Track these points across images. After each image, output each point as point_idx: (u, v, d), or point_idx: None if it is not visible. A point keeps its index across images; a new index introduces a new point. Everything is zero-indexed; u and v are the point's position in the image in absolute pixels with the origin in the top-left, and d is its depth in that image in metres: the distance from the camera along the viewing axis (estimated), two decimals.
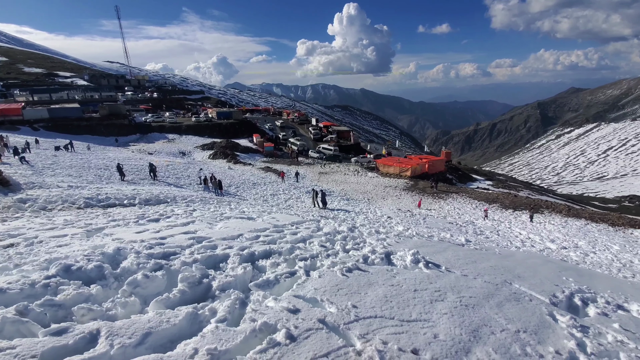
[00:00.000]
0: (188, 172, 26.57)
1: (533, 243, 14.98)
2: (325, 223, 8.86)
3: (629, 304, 5.00)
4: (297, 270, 4.26)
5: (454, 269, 5.28)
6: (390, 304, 3.46)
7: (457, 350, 2.73)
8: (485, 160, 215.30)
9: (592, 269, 9.77)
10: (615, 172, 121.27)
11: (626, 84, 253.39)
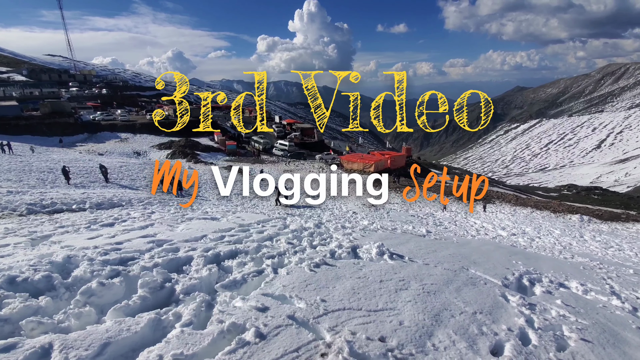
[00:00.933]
0: (144, 173, 25.18)
1: (487, 231, 16.05)
2: (291, 220, 8.85)
3: (569, 281, 5.55)
4: (265, 268, 4.23)
5: (417, 259, 5.53)
6: (358, 296, 3.55)
7: (421, 335, 2.88)
8: (443, 155, 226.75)
9: (538, 252, 10.68)
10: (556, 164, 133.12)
11: (563, 83, 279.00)
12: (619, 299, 4.85)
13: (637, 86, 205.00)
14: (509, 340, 2.94)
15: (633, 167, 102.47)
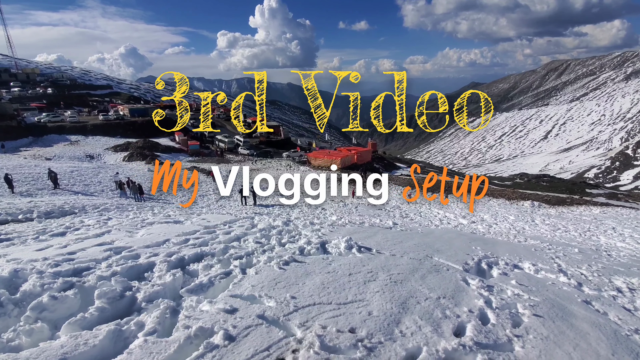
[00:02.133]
0: (99, 178, 23.63)
1: (449, 220, 16.85)
2: (259, 219, 8.73)
3: (522, 263, 5.98)
4: (233, 269, 4.14)
5: (384, 250, 5.68)
6: (328, 290, 3.59)
7: (389, 323, 2.96)
8: (407, 149, 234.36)
9: (495, 237, 11.40)
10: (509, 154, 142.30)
11: (513, 78, 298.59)
12: (565, 276, 5.30)
13: (577, 81, 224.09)
14: (470, 321, 3.11)
15: (575, 155, 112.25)
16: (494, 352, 2.61)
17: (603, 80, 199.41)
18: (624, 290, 4.94)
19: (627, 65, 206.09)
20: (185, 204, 17.52)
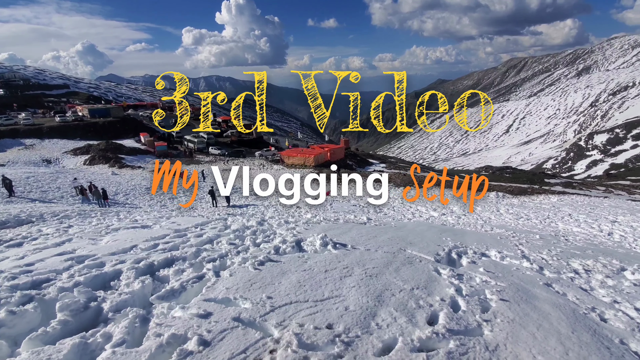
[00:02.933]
0: (58, 183, 22.18)
1: (421, 214, 17.36)
2: (233, 220, 8.56)
3: (489, 251, 6.26)
4: (206, 273, 4.03)
5: (359, 246, 5.75)
6: (304, 288, 3.58)
7: (366, 316, 3.00)
8: (379, 145, 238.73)
9: (464, 228, 11.88)
10: (474, 148, 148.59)
11: (476, 75, 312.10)
12: (528, 261, 5.61)
13: (534, 77, 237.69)
14: (442, 309, 3.22)
15: (534, 147, 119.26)
16: (465, 338, 2.72)
17: (557, 76, 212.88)
18: (581, 271, 5.31)
19: (579, 62, 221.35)
20: (154, 207, 16.85)
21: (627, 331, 3.10)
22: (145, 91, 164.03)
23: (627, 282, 4.85)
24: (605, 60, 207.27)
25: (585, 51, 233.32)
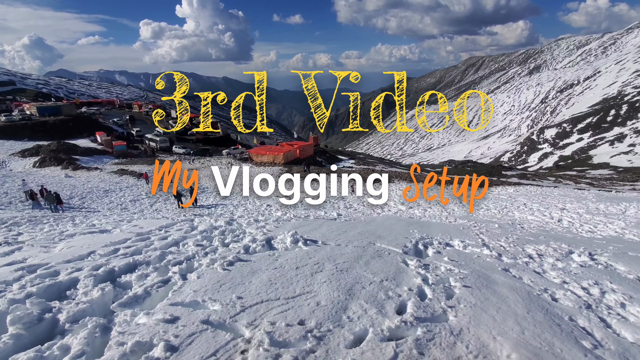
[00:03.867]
0: (5, 188, 20.32)
1: (390, 208, 17.81)
2: (200, 221, 8.29)
3: (453, 240, 6.56)
4: (172, 276, 3.88)
5: (329, 241, 5.80)
6: (275, 286, 3.55)
7: (337, 310, 3.04)
8: (347, 142, 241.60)
9: (430, 220, 12.35)
10: (438, 143, 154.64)
11: (439, 73, 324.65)
12: (488, 249, 5.95)
13: (491, 75, 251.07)
14: (410, 299, 3.33)
15: (492, 142, 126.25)
16: (431, 324, 2.83)
17: (512, 74, 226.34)
18: (534, 256, 5.71)
19: (530, 61, 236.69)
20: (113, 210, 15.94)
21: (575, 309, 3.38)
22: (100, 87, 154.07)
23: (575, 264, 5.28)
24: (553, 60, 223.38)
25: (536, 51, 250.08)
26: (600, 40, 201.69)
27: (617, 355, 2.52)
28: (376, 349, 2.48)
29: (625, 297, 3.73)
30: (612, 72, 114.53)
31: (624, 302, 3.60)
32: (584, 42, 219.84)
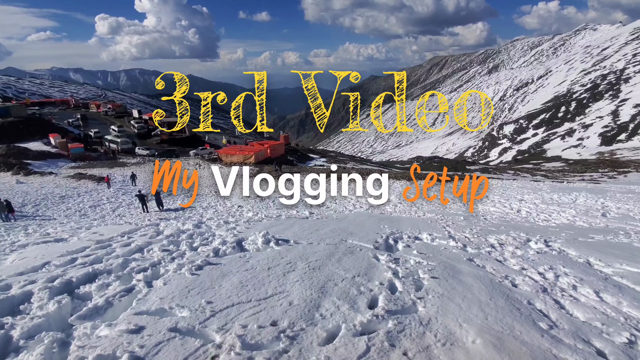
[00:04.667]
0: None
1: (361, 204, 18.09)
2: (166, 225, 7.97)
3: (421, 234, 6.78)
4: (136, 284, 3.69)
5: (301, 240, 5.79)
6: (247, 288, 3.49)
7: (310, 309, 3.04)
8: (318, 140, 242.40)
9: (400, 215, 12.69)
10: (407, 140, 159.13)
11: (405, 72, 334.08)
12: (454, 240, 6.21)
13: (454, 74, 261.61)
14: (381, 293, 3.40)
15: (457, 138, 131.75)
16: (402, 316, 2.90)
17: (472, 74, 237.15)
18: (496, 245, 6.03)
19: (489, 61, 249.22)
20: (71, 217, 14.95)
21: (533, 293, 3.60)
22: (53, 86, 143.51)
23: (532, 251, 5.64)
24: (510, 60, 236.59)
25: (494, 51, 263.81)
26: (551, 41, 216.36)
27: (570, 334, 2.71)
28: (349, 344, 2.50)
29: (577, 280, 4.03)
30: (562, 72, 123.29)
31: (576, 285, 3.89)
32: (536, 43, 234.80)
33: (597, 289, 3.72)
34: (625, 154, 51.42)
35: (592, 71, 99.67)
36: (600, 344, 2.57)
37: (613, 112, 72.10)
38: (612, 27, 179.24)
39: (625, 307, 3.28)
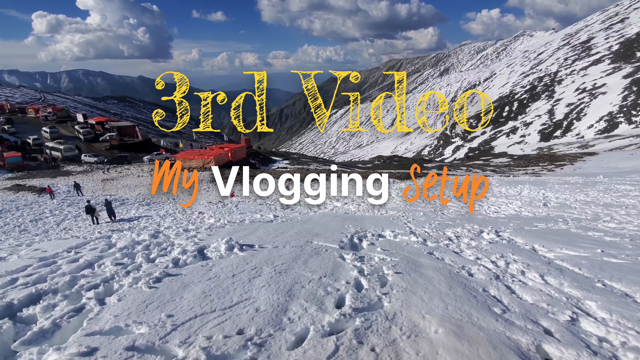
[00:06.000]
0: None
1: (325, 205, 18.23)
2: (119, 237, 7.46)
3: (385, 231, 6.97)
4: (86, 303, 3.41)
5: (267, 244, 5.70)
6: (210, 298, 3.36)
7: (277, 314, 2.99)
8: (280, 142, 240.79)
9: (363, 214, 12.96)
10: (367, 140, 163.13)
11: (363, 74, 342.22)
12: (415, 236, 6.46)
13: (409, 77, 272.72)
14: (348, 291, 3.44)
15: (414, 137, 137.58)
16: (368, 313, 2.96)
17: (426, 76, 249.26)
18: (453, 238, 6.37)
19: (440, 64, 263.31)
20: (9, 233, 13.47)
21: (487, 280, 3.85)
22: None
23: (485, 241, 6.03)
24: (459, 63, 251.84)
25: (445, 55, 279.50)
26: (494, 46, 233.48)
27: (521, 316, 2.93)
28: (317, 346, 2.50)
29: (524, 266, 4.38)
30: (505, 74, 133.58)
31: (524, 270, 4.22)
32: (481, 47, 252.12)
33: (542, 272, 4.06)
34: (561, 148, 56.87)
35: (530, 74, 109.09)
36: (547, 323, 2.80)
37: (549, 111, 79.45)
38: (546, 33, 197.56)
39: (567, 287, 3.61)
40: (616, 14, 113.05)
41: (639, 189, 14.08)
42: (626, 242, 5.76)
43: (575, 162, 36.70)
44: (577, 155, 41.79)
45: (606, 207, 10.55)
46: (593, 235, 6.39)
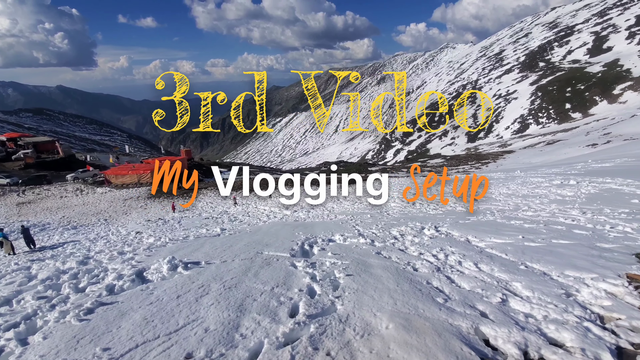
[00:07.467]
0: None
1: (275, 214, 18.00)
2: (40, 267, 6.55)
3: (334, 235, 7.09)
4: (5, 345, 2.94)
5: (214, 259, 5.45)
6: (153, 324, 3.10)
7: (229, 331, 2.87)
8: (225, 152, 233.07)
9: (313, 220, 13.04)
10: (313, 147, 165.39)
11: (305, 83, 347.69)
12: (363, 238, 6.67)
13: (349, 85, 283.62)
14: (301, 299, 3.43)
15: (358, 143, 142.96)
16: (322, 318, 2.98)
17: (365, 84, 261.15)
18: (398, 237, 6.71)
19: (377, 73, 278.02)
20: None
21: (430, 273, 4.11)
22: None
23: (426, 237, 6.45)
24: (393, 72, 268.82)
25: (381, 64, 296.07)
26: (423, 57, 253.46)
27: (461, 302, 3.18)
28: (273, 359, 2.45)
29: (461, 256, 4.77)
30: (434, 82, 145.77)
31: (461, 260, 4.59)
32: (412, 58, 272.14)
33: (475, 261, 4.46)
34: (485, 148, 63.37)
35: (455, 82, 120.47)
36: (482, 307, 3.08)
37: (473, 115, 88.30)
38: (466, 46, 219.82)
39: (497, 272, 4.01)
40: (521, 29, 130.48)
41: (549, 180, 16.24)
42: (541, 227, 6.59)
43: (497, 159, 41.19)
44: (498, 154, 46.96)
45: (524, 198, 11.97)
46: (515, 224, 7.21)
